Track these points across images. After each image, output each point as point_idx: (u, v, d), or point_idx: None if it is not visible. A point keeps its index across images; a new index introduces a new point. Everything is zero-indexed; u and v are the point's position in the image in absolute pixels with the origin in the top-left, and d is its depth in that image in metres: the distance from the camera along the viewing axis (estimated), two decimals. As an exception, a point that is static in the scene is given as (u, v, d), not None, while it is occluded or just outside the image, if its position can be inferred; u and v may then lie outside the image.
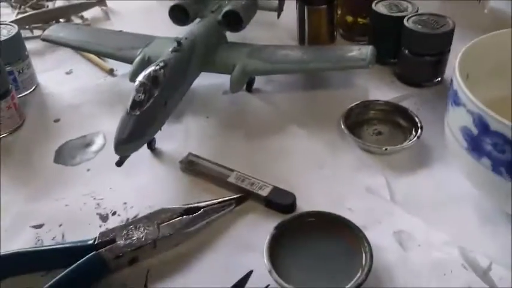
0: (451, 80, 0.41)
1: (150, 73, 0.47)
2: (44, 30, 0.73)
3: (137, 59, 0.58)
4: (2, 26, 0.59)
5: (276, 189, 0.45)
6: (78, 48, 0.64)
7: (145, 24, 0.74)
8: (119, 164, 0.44)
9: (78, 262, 0.37)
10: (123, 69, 0.64)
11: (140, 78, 0.47)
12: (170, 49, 0.52)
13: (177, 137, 0.53)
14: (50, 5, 0.82)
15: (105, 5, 0.82)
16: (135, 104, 0.45)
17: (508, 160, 0.36)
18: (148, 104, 0.45)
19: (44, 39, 0.64)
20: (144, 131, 0.45)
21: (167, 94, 0.48)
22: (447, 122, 0.42)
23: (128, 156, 0.45)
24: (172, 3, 0.61)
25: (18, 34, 0.58)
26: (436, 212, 0.43)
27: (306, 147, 0.51)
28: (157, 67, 0.48)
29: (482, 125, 0.37)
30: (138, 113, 0.44)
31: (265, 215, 0.43)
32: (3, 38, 0.56)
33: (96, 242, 0.39)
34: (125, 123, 0.44)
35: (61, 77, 0.65)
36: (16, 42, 0.58)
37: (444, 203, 0.44)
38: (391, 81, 0.60)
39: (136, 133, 0.44)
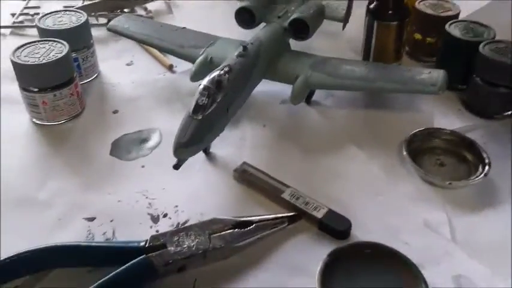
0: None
1: (214, 77, 0.47)
2: (109, 18, 0.74)
3: (199, 59, 0.58)
4: (72, 12, 0.59)
5: (331, 212, 0.43)
6: (142, 42, 0.64)
7: (208, 22, 0.74)
8: (177, 167, 0.44)
9: (128, 264, 0.37)
10: (182, 66, 0.64)
11: (205, 82, 0.46)
12: (236, 53, 0.51)
13: (232, 143, 0.52)
14: (116, -8, 0.83)
15: (169, -2, 0.82)
16: (198, 108, 0.44)
17: None
18: (211, 108, 0.45)
19: (109, 29, 0.64)
20: (204, 135, 0.44)
21: (230, 100, 0.47)
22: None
23: (186, 159, 0.44)
24: (239, 5, 0.61)
25: (86, 22, 0.59)
26: (500, 258, 0.40)
27: (363, 171, 0.49)
28: (222, 72, 0.48)
29: None
30: (200, 117, 0.44)
31: (318, 238, 0.42)
32: (72, 26, 0.57)
33: (147, 245, 0.39)
34: (187, 126, 0.43)
35: (122, 68, 0.66)
36: (84, 30, 0.59)
37: (510, 248, 0.41)
38: (457, 109, 0.58)
39: (196, 137, 0.44)
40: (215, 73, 0.47)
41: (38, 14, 0.75)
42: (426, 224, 0.43)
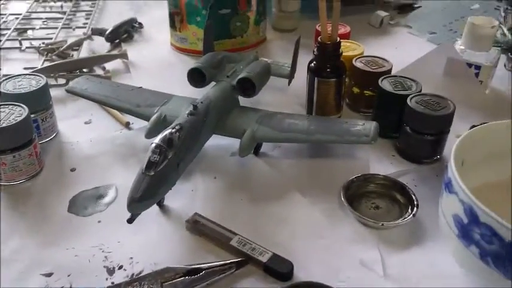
0: (446, 167, 0.44)
1: (166, 135, 0.51)
2: (67, 79, 0.78)
3: (153, 117, 0.62)
4: (31, 76, 0.63)
5: (275, 256, 0.47)
6: (100, 102, 0.68)
7: (164, 80, 0.79)
8: (130, 221, 0.47)
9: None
10: (139, 123, 0.68)
11: (157, 140, 0.50)
12: (186, 112, 0.56)
13: (184, 196, 0.56)
14: (75, 54, 0.87)
15: (127, 58, 0.86)
16: (151, 165, 0.48)
17: (494, 251, 0.38)
18: (162, 165, 0.48)
19: (68, 91, 0.68)
20: (156, 191, 0.48)
21: (180, 156, 0.51)
22: (441, 207, 0.45)
23: (140, 213, 0.47)
24: (191, 66, 0.66)
25: (45, 85, 0.62)
26: (426, 291, 0.45)
27: (306, 216, 0.53)
28: (173, 130, 0.52)
29: (472, 216, 0.39)
30: (152, 173, 0.47)
31: (264, 280, 0.46)
32: (32, 89, 0.60)
33: (101, 297, 0.41)
34: (140, 182, 0.47)
35: (80, 126, 0.69)
36: (43, 92, 0.62)
37: (435, 282, 0.46)
38: (391, 155, 0.63)
39: (149, 193, 0.47)
40: (167, 131, 0.51)
41: (-3, 77, 0.78)
42: (362, 262, 0.47)
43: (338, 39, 0.65)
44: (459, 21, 0.96)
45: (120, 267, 0.47)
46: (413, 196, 0.54)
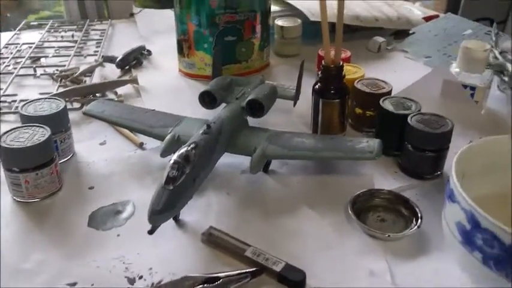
0: (448, 179, 0.47)
1: (183, 152, 0.54)
2: (82, 103, 0.81)
3: (168, 137, 0.65)
4: (51, 100, 0.66)
5: (288, 266, 0.49)
6: (116, 124, 0.71)
7: (173, 104, 0.82)
8: (151, 232, 0.49)
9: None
10: (151, 143, 0.71)
11: (175, 156, 0.53)
12: (201, 131, 0.59)
13: (199, 210, 0.58)
14: (87, 80, 0.91)
15: (137, 83, 0.90)
16: (169, 180, 0.51)
17: (496, 254, 0.41)
18: (180, 180, 0.51)
19: (85, 113, 0.71)
20: (175, 203, 0.51)
21: (196, 172, 0.54)
22: (444, 216, 0.48)
23: (159, 225, 0.50)
24: (203, 89, 0.69)
25: (65, 108, 0.65)
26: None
27: (316, 228, 0.56)
28: (189, 147, 0.55)
29: (474, 222, 0.42)
30: (171, 187, 0.50)
31: (278, 289, 0.48)
32: (52, 112, 0.63)
33: (125, 304, 0.44)
34: (160, 196, 0.50)
35: (95, 147, 0.72)
36: (63, 115, 0.65)
37: (440, 288, 0.48)
38: (394, 172, 0.66)
39: (168, 205, 0.50)
40: (183, 149, 0.55)
41: (14, 101, 0.82)
42: (371, 272, 0.50)
43: (341, 62, 0.69)
44: (452, 46, 1.01)
45: (140, 277, 0.49)
46: (416, 209, 0.56)
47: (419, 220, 0.55)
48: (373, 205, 0.59)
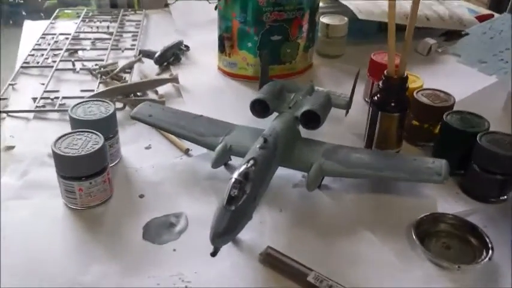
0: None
1: (243, 170, 0.51)
2: (124, 103, 0.79)
3: (219, 147, 0.62)
4: (99, 102, 0.64)
5: (354, 296, 0.47)
6: (164, 130, 0.68)
7: (215, 105, 0.81)
8: (214, 254, 0.47)
9: None
10: (197, 150, 0.68)
11: (235, 175, 0.50)
12: (258, 145, 0.56)
13: (254, 228, 0.56)
14: (127, 77, 0.88)
15: (178, 82, 0.87)
16: (231, 200, 0.48)
17: None
18: (242, 199, 0.49)
19: (133, 118, 0.68)
20: (237, 225, 0.48)
21: (256, 190, 0.52)
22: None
23: (221, 246, 0.48)
24: (254, 97, 0.66)
25: (114, 112, 0.63)
26: None
27: (377, 255, 0.53)
28: (249, 164, 0.52)
29: None
30: (233, 208, 0.48)
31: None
32: (102, 116, 0.61)
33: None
34: (221, 217, 0.47)
35: (141, 152, 0.69)
36: (112, 119, 0.63)
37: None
38: (455, 193, 0.63)
39: (231, 227, 0.48)
40: (243, 167, 0.52)
41: (57, 97, 0.79)
42: (440, 306, 0.47)
43: (406, 73, 0.65)
44: (510, 51, 0.95)
45: (200, 299, 0.47)
46: (486, 238, 0.53)
47: (490, 251, 0.52)
48: (438, 230, 0.56)
